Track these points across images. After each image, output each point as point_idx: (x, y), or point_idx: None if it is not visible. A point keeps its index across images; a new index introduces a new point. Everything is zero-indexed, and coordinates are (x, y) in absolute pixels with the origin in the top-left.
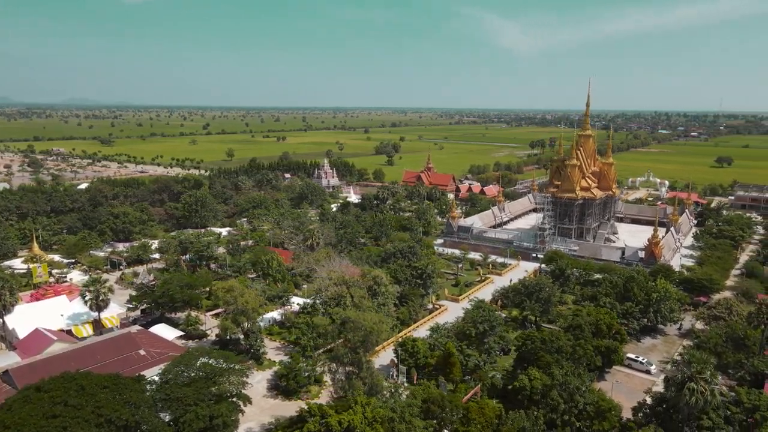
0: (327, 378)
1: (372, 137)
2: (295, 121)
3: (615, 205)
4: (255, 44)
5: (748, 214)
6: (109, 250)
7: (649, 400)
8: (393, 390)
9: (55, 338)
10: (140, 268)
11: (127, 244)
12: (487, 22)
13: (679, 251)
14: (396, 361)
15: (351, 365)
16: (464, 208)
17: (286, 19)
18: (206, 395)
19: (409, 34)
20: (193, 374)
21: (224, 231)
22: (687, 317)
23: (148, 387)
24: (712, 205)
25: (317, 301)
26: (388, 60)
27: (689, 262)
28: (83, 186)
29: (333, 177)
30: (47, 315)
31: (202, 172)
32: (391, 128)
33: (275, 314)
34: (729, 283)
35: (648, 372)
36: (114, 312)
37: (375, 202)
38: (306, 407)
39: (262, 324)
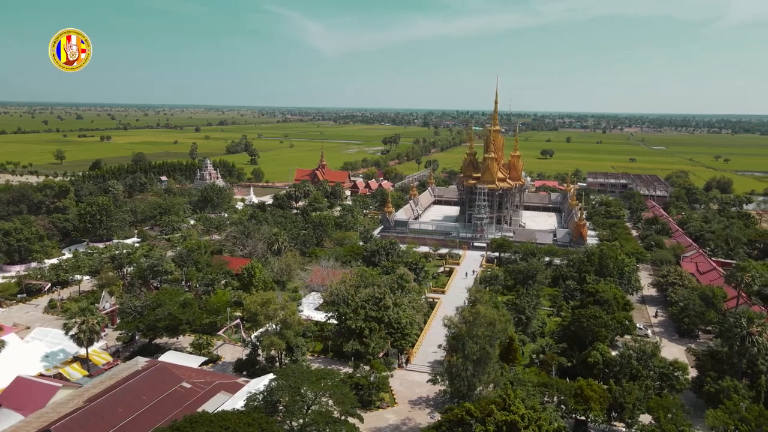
0: (392, 383)
1: (211, 136)
2: (101, 119)
3: (522, 194)
4: (30, 27)
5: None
6: (10, 274)
7: (693, 358)
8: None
9: (59, 385)
10: (65, 292)
11: (22, 266)
12: (291, 20)
13: None
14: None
15: (476, 362)
16: (375, 203)
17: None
18: (329, 419)
19: (217, 30)
20: (311, 400)
21: (130, 242)
22: None
23: None
24: (580, 191)
25: (357, 304)
26: (196, 55)
27: (593, 240)
28: None
29: (218, 178)
30: (10, 358)
31: (40, 177)
32: (224, 126)
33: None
34: None
35: (646, 336)
36: (96, 346)
37: (290, 201)
38: (465, 409)
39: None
